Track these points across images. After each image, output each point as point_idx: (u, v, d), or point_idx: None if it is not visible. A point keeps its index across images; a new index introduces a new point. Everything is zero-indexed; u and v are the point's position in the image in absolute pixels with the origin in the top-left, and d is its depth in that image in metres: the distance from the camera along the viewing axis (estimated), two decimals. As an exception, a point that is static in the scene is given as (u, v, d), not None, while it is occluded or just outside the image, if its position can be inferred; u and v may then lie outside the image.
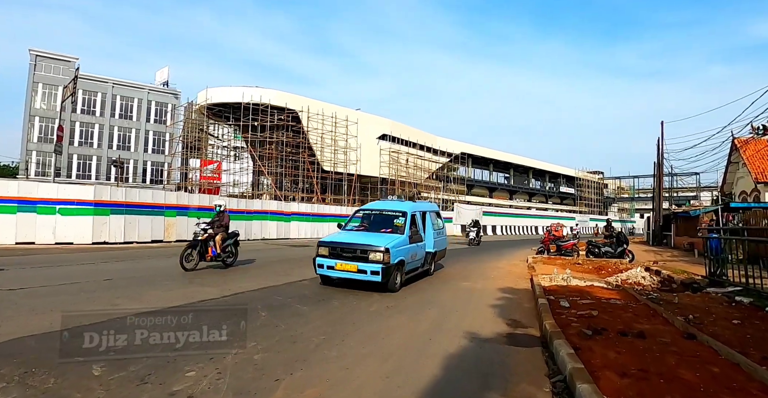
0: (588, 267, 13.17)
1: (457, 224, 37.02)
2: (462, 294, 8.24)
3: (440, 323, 5.85)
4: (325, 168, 31.80)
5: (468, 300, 7.63)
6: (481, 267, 13.05)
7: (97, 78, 52.63)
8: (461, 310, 6.72)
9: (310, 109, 30.79)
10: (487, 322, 5.99)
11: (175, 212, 17.19)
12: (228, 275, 9.23)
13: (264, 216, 21.01)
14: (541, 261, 14.82)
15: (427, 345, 4.83)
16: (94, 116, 52.21)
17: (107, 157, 52.27)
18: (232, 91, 30.00)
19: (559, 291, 8.22)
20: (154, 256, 12.98)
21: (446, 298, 7.73)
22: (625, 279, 10.14)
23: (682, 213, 23.25)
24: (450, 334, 5.26)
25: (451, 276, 10.68)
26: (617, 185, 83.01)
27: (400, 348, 4.66)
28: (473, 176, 54.95)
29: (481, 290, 8.70)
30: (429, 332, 5.36)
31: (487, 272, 11.86)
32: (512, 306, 7.22)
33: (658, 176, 25.46)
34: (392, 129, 36.92)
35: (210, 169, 41.71)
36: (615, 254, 16.37)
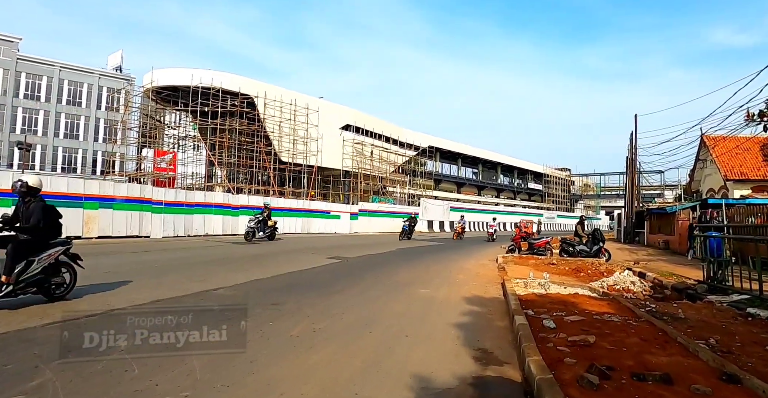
0: (565, 269, 11.72)
1: (424, 220, 35.52)
2: (418, 306, 6.51)
3: (379, 359, 4.08)
4: (283, 159, 29.61)
5: (424, 316, 5.90)
6: (446, 269, 11.41)
7: (43, 60, 48.70)
8: (413, 334, 4.97)
9: (267, 95, 28.51)
10: (447, 356, 4.27)
11: (98, 204, 14.87)
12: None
13: (207, 209, 18.82)
14: (513, 260, 13.34)
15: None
16: (39, 102, 48.30)
17: (53, 145, 48.62)
18: (181, 72, 27.40)
19: (538, 303, 6.62)
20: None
21: (397, 313, 5.99)
22: (612, 284, 8.67)
23: (657, 209, 22.31)
24: (389, 382, 3.50)
25: (409, 281, 8.96)
26: (584, 182, 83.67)
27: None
28: (441, 171, 53.65)
29: (443, 300, 7.00)
30: (359, 377, 3.59)
31: (453, 275, 10.21)
32: (481, 325, 5.54)
33: (630, 171, 24.53)
34: (356, 119, 34.98)
35: (167, 160, 38.91)
36: (590, 253, 15.11)
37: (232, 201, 20.14)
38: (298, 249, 14.82)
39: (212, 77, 26.64)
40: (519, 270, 11.41)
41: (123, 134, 42.78)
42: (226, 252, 13.33)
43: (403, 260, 13.04)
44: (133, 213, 15.88)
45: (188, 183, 32.94)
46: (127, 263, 9.96)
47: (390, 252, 15.48)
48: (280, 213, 22.67)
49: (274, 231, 17.47)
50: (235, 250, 13.84)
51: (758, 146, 24.61)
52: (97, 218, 14.76)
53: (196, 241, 16.33)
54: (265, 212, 17.03)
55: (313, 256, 12.92)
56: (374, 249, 16.36)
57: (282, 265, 10.63)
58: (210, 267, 9.82)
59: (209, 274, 8.55)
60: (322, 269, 10.32)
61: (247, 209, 20.81)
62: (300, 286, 7.74)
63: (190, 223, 18.02)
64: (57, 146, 49.62)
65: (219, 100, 26.25)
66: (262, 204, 21.68)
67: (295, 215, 23.59)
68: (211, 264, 10.33)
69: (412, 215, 24.77)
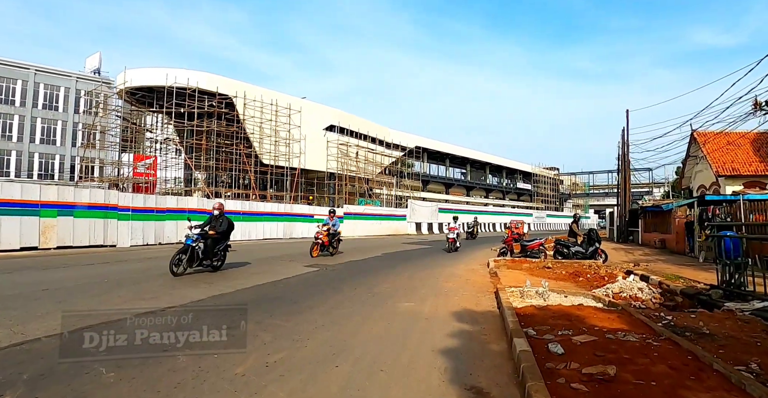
0: (562, 273, 10.87)
1: (412, 222, 34.62)
2: (399, 325, 5.56)
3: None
4: (265, 161, 28.48)
5: (405, 339, 4.95)
6: (433, 275, 10.49)
7: (16, 63, 47.11)
8: (390, 367, 4.02)
9: (246, 95, 27.37)
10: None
11: (56, 211, 13.69)
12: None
13: (180, 215, 17.67)
14: (505, 265, 12.47)
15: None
16: (13, 106, 46.69)
17: (28, 151, 47.03)
18: (155, 72, 26.16)
19: (538, 318, 5.71)
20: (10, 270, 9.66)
21: (373, 336, 5.03)
22: (618, 292, 7.80)
23: (652, 207, 21.59)
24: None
25: (391, 292, 8.02)
26: (572, 181, 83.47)
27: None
28: (429, 171, 52.83)
29: (428, 317, 6.06)
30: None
31: (440, 283, 9.28)
32: (473, 351, 4.60)
33: (623, 168, 23.82)
34: (340, 119, 33.94)
35: (146, 165, 37.62)
36: (587, 254, 14.31)
37: (208, 205, 18.99)
38: (274, 257, 13.80)
39: (188, 77, 25.47)
40: (513, 276, 10.53)
41: (102, 138, 41.51)
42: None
43: (388, 266, 12.10)
44: (96, 220, 14.71)
45: (168, 187, 31.66)
46: (75, 277, 8.87)
47: (374, 258, 14.53)
48: (260, 218, 21.60)
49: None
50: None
51: (749, 142, 24.16)
52: (55, 227, 13.57)
53: (166, 250, 15.20)
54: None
55: (289, 264, 11.93)
56: (358, 254, 15.40)
57: (252, 276, 9.62)
58: (170, 279, 8.78)
59: (163, 289, 7.52)
60: (295, 280, 9.32)
61: (226, 214, 19.67)
62: (265, 302, 6.76)
63: (161, 231, 16.85)
64: (33, 152, 48.08)
65: (195, 100, 25.07)
66: (238, 209, 20.66)
67: (276, 219, 22.49)
68: (172, 277, 9.28)
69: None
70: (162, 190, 32.64)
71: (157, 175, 35.37)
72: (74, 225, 14.09)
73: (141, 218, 16.13)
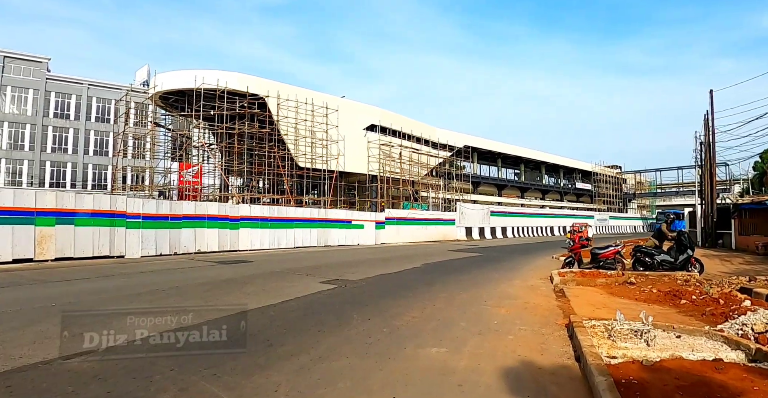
0: (652, 292, 8.01)
1: (461, 226, 31.84)
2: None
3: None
4: (300, 164, 26.79)
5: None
6: (479, 296, 7.98)
7: (71, 79, 49.03)
8: None
9: (279, 95, 25.84)
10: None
11: (54, 219, 12.29)
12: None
13: (198, 222, 16.04)
14: (573, 279, 9.71)
15: None
16: (68, 120, 48.51)
17: (83, 162, 48.56)
18: (184, 75, 25.14)
19: (653, 390, 3.18)
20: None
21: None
22: (764, 330, 5.03)
23: (750, 204, 17.77)
24: None
25: (418, 324, 5.63)
26: (636, 180, 77.06)
27: None
28: (479, 173, 49.64)
29: (463, 381, 3.64)
30: None
31: (488, 309, 6.78)
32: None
33: (709, 158, 20.01)
34: (382, 118, 31.79)
35: (191, 172, 37.46)
36: (676, 265, 11.29)
37: (231, 212, 17.28)
38: (291, 270, 11.72)
39: (218, 77, 24.24)
40: (586, 296, 7.83)
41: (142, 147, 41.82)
42: (194, 276, 10.38)
43: (423, 283, 9.69)
44: (101, 229, 13.26)
45: (205, 194, 30.74)
46: (44, 298, 7.12)
47: (411, 271, 12.14)
48: (290, 225, 19.73)
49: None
50: (209, 273, 10.90)
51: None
52: (53, 236, 12.18)
53: (177, 261, 13.56)
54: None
55: (303, 280, 9.79)
56: (393, 265, 13.08)
57: (249, 296, 7.58)
58: (140, 302, 6.85)
59: (118, 318, 5.52)
60: (295, 304, 7.11)
61: (250, 220, 17.97)
62: (239, 341, 4.57)
63: (177, 239, 15.25)
64: (87, 163, 49.59)
65: (225, 101, 23.78)
66: (265, 215, 18.91)
67: (309, 226, 20.55)
68: (147, 296, 7.35)
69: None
70: (206, 198, 31.81)
71: (202, 182, 34.87)
72: (75, 235, 12.66)
73: (153, 226, 14.61)
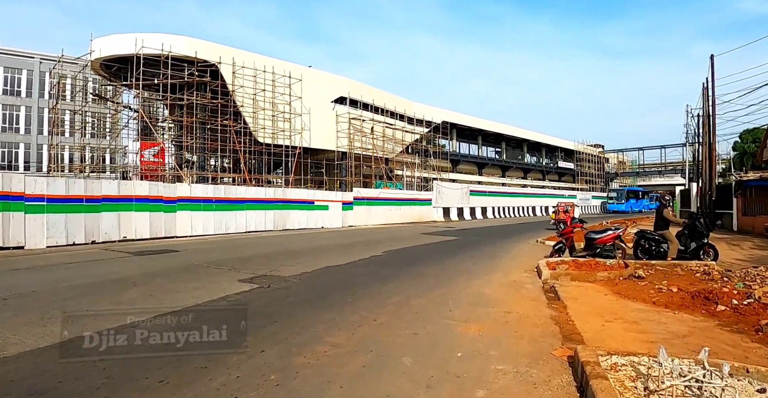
0: (674, 292, 5.97)
1: (438, 207, 29.79)
2: None
3: None
4: (260, 139, 24.18)
5: None
6: (442, 301, 5.81)
7: (20, 52, 45.20)
8: None
9: (235, 62, 23.04)
10: None
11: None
12: None
13: (124, 204, 13.54)
14: (567, 273, 7.63)
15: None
16: (19, 97, 44.81)
17: (36, 143, 44.95)
18: (124, 38, 22.06)
19: None
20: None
21: None
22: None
23: (756, 181, 15.90)
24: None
25: (335, 365, 3.40)
26: (618, 159, 75.98)
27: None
28: (459, 150, 47.45)
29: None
30: None
31: (451, 328, 4.62)
32: None
33: (709, 131, 18.09)
34: (352, 90, 29.13)
35: (153, 152, 34.41)
36: (687, 254, 9.40)
37: (165, 192, 14.75)
38: (218, 262, 9.41)
39: (162, 41, 21.32)
40: (587, 298, 5.76)
41: (94, 124, 38.57)
42: (78, 274, 8.01)
43: (374, 279, 7.52)
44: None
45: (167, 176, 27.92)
46: None
47: (369, 261, 9.98)
48: (241, 206, 17.32)
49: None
50: (105, 269, 8.56)
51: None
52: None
53: (86, 252, 11.13)
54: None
55: (220, 277, 7.51)
56: (350, 254, 10.89)
57: (120, 306, 5.36)
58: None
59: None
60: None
61: (191, 202, 15.51)
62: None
63: (95, 225, 12.77)
64: (41, 144, 45.84)
65: (169, 69, 20.94)
66: (209, 195, 16.47)
67: (263, 207, 18.12)
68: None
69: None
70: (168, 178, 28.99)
71: (165, 161, 31.96)
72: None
73: (63, 210, 12.08)
